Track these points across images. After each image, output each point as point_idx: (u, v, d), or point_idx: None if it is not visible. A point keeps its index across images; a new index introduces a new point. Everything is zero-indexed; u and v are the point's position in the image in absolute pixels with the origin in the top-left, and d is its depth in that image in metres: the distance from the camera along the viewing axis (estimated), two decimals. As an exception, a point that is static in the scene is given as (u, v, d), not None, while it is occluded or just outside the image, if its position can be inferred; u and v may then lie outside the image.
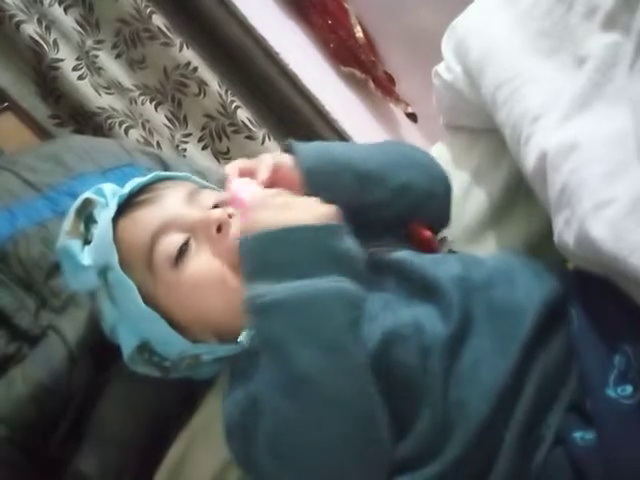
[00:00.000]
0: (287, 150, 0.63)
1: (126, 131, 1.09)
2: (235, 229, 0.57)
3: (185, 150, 1.19)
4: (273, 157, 0.61)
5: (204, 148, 1.22)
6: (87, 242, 0.61)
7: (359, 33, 1.46)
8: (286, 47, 1.28)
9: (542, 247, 0.65)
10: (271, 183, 0.59)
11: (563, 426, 0.49)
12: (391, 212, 0.63)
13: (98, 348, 0.64)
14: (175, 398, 0.62)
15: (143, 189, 0.63)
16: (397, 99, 1.50)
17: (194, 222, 0.58)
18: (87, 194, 0.63)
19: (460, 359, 0.50)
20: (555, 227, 0.52)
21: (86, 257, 0.60)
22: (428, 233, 0.63)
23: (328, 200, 0.54)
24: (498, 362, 0.49)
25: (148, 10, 1.14)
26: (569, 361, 0.50)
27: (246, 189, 0.58)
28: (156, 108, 1.18)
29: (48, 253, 0.70)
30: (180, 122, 1.20)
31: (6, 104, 1.05)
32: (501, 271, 0.56)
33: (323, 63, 1.43)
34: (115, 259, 0.58)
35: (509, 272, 0.56)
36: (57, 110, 1.09)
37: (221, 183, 0.93)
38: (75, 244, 0.61)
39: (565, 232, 0.50)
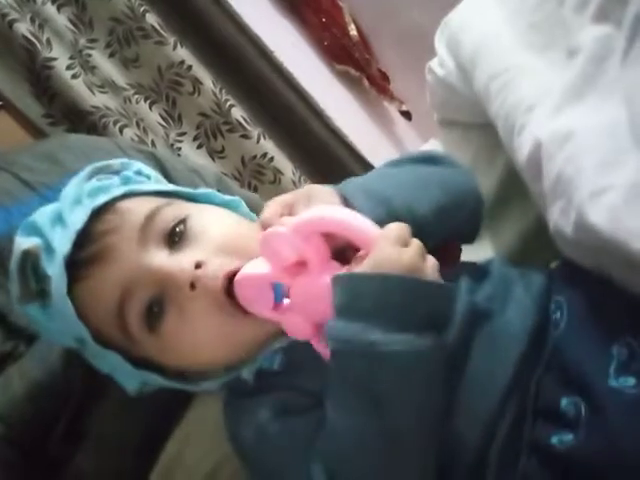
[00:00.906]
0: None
1: (121, 130, 1.09)
2: (210, 282, 0.50)
3: (180, 149, 1.19)
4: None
5: (199, 147, 1.21)
6: (45, 296, 0.54)
7: (353, 31, 1.46)
8: (280, 45, 1.28)
9: (537, 242, 0.65)
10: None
11: (535, 436, 0.48)
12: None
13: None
14: (173, 397, 0.62)
15: (87, 232, 0.53)
16: (391, 97, 1.50)
17: (159, 279, 0.51)
18: (22, 243, 0.54)
19: (456, 388, 0.49)
20: (550, 217, 0.52)
21: (51, 319, 0.55)
22: (458, 251, 0.61)
23: None
24: (490, 387, 0.49)
25: (142, 9, 1.14)
26: (536, 368, 0.50)
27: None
28: (150, 107, 1.18)
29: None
30: (175, 121, 1.20)
31: (0, 103, 1.04)
32: (499, 291, 0.55)
33: (317, 61, 1.44)
34: (88, 336, 0.53)
35: (505, 291, 0.55)
36: (51, 109, 1.08)
37: (217, 181, 0.93)
38: (34, 309, 0.55)
39: (561, 221, 0.50)
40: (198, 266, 0.51)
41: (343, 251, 0.48)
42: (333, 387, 0.46)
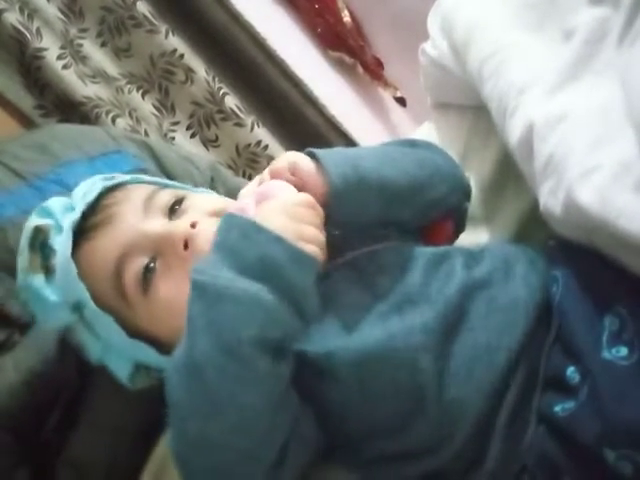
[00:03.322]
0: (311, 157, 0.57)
1: (113, 120, 1.08)
2: (202, 239, 0.53)
3: (173, 138, 1.18)
4: (295, 157, 0.55)
5: (192, 136, 1.21)
6: (49, 272, 0.58)
7: (347, 17, 1.45)
8: (273, 33, 1.27)
9: (534, 222, 0.65)
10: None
11: (542, 405, 0.49)
12: (413, 224, 0.61)
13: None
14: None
15: (95, 206, 0.60)
16: (386, 83, 1.49)
17: (157, 240, 0.55)
18: (35, 220, 0.60)
19: (453, 357, 0.50)
20: (540, 197, 0.52)
21: (53, 293, 0.58)
22: (450, 228, 0.62)
23: (350, 218, 0.53)
24: (494, 357, 0.50)
25: (132, -3, 1.12)
26: (545, 339, 0.51)
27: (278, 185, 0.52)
28: (143, 96, 1.17)
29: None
30: (168, 110, 1.19)
31: (-10, 95, 1.04)
32: (500, 265, 0.55)
33: (311, 48, 1.43)
34: (86, 296, 0.56)
35: (507, 267, 0.55)
36: (42, 100, 1.07)
37: (211, 169, 0.93)
38: (37, 280, 0.58)
39: (550, 201, 0.50)
40: (193, 226, 0.55)
41: None
42: None
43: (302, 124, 1.29)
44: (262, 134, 1.22)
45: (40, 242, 0.59)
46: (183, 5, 1.20)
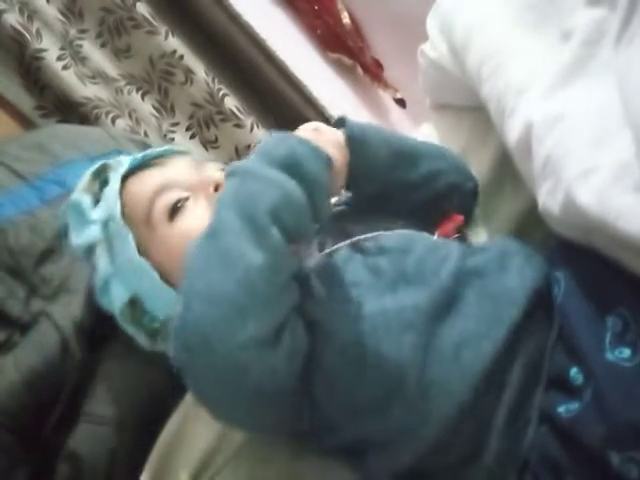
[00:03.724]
0: (336, 125, 0.65)
1: (113, 121, 1.08)
2: None
3: (173, 139, 1.18)
4: (317, 123, 0.64)
5: (192, 137, 1.21)
6: (97, 201, 0.65)
7: (346, 19, 1.45)
8: (273, 34, 1.27)
9: (531, 221, 0.65)
10: None
11: (545, 404, 0.49)
12: (418, 196, 0.65)
13: (90, 333, 0.64)
14: (168, 378, 0.62)
15: (155, 158, 0.68)
16: (385, 85, 1.50)
17: (194, 182, 0.62)
18: (106, 161, 0.68)
19: (441, 337, 0.50)
20: (539, 197, 0.53)
21: (94, 212, 0.64)
22: (459, 218, 0.64)
23: (363, 167, 0.60)
24: (482, 345, 0.50)
25: (132, -2, 1.13)
26: (547, 339, 0.51)
27: None
28: (143, 97, 1.17)
29: (37, 241, 0.70)
30: (167, 111, 1.20)
31: (-10, 96, 1.04)
32: (496, 257, 0.56)
33: (310, 49, 1.43)
34: (117, 210, 0.62)
35: (503, 258, 0.56)
36: (42, 101, 1.07)
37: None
38: (86, 200, 0.64)
39: (549, 201, 0.51)
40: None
41: None
42: None
43: (301, 125, 1.29)
44: (261, 135, 1.22)
45: (103, 176, 0.67)
46: (183, 6, 1.21)
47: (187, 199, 0.61)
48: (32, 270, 0.69)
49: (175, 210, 0.61)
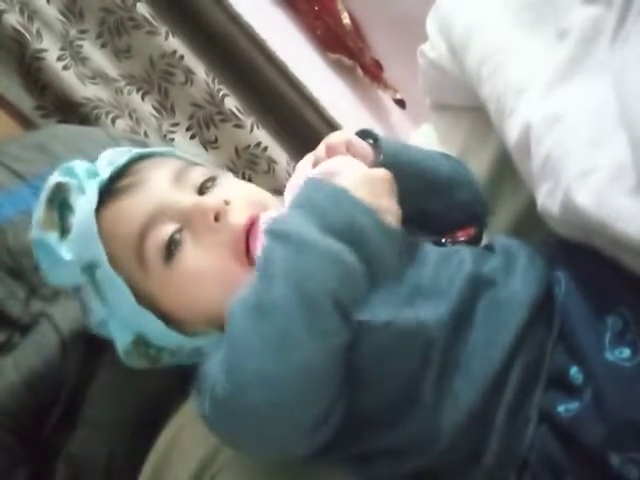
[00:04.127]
0: (363, 137, 0.61)
1: (113, 121, 1.08)
2: (235, 214, 0.55)
3: (173, 140, 1.18)
4: (349, 134, 0.59)
5: (192, 137, 1.21)
6: (64, 232, 0.57)
7: (346, 19, 1.45)
8: (273, 34, 1.27)
9: (530, 221, 0.65)
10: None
11: (545, 404, 0.49)
12: (433, 222, 0.62)
13: (90, 334, 0.64)
14: (166, 383, 0.62)
15: (124, 171, 0.59)
16: (385, 85, 1.50)
17: (187, 211, 0.54)
18: (57, 177, 0.58)
19: (456, 351, 0.50)
20: (538, 198, 0.53)
21: (65, 251, 0.56)
22: (473, 235, 0.63)
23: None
24: (490, 352, 0.50)
25: (132, -2, 1.13)
26: (548, 338, 0.51)
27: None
28: (143, 98, 1.17)
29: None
30: (167, 111, 1.20)
31: (-10, 96, 1.04)
32: (503, 261, 0.56)
33: (310, 50, 1.43)
34: (103, 256, 0.55)
35: (509, 261, 0.56)
36: (42, 101, 1.07)
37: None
38: (51, 237, 0.56)
39: (548, 202, 0.51)
40: (226, 203, 0.55)
41: None
42: None
43: (301, 126, 1.29)
44: (262, 135, 1.22)
45: (59, 200, 0.58)
46: (183, 6, 1.21)
47: (181, 230, 0.54)
48: (32, 271, 0.68)
49: (170, 250, 0.54)
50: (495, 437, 0.48)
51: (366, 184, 0.51)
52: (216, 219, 0.54)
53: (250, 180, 1.22)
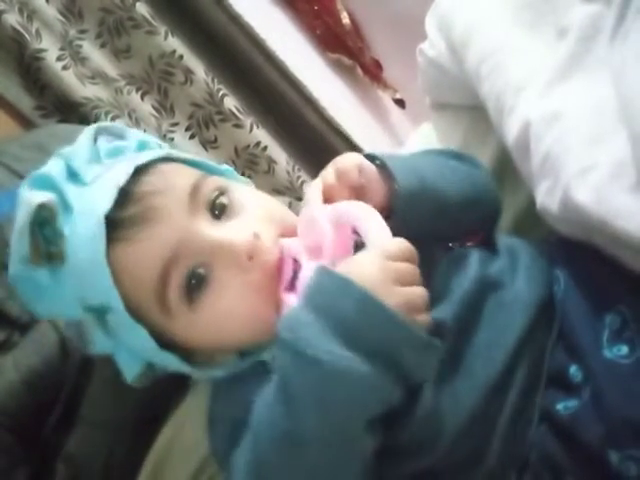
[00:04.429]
0: (370, 160, 0.55)
1: (112, 121, 1.08)
2: (267, 254, 0.49)
3: (172, 139, 1.18)
4: (361, 159, 0.53)
5: (192, 137, 1.21)
6: (53, 259, 0.49)
7: (346, 19, 1.45)
8: (272, 34, 1.27)
9: (530, 220, 0.65)
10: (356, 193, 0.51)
11: (544, 402, 0.49)
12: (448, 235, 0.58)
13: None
14: (166, 382, 0.62)
15: (127, 194, 0.49)
16: (385, 85, 1.50)
17: (215, 249, 0.49)
18: (35, 197, 0.49)
19: (460, 352, 0.50)
20: (537, 196, 0.53)
21: (60, 286, 0.50)
22: (479, 240, 0.61)
23: (404, 227, 0.48)
24: (493, 354, 0.49)
25: (131, -2, 1.13)
26: (549, 337, 0.51)
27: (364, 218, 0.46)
28: (142, 98, 1.17)
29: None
30: (167, 111, 1.20)
31: (-10, 96, 1.04)
32: (507, 262, 0.56)
33: (310, 50, 1.43)
34: (119, 304, 0.48)
35: (513, 260, 0.56)
36: (42, 101, 1.08)
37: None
38: (41, 274, 0.49)
39: (547, 200, 0.51)
40: (256, 237, 0.49)
41: None
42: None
43: (301, 125, 1.30)
44: (261, 135, 1.22)
45: (41, 220, 0.49)
46: (182, 6, 1.21)
47: (204, 270, 0.49)
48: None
49: (195, 292, 0.49)
50: (497, 438, 0.48)
51: (390, 274, 0.43)
52: (249, 258, 0.49)
53: (250, 179, 1.22)
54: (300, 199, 1.11)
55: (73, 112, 1.08)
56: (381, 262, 0.43)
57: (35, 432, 0.63)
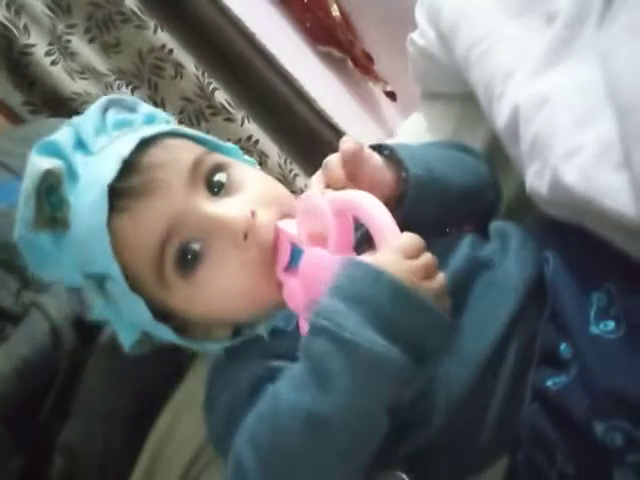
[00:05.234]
0: (378, 151, 0.56)
1: (103, 116, 1.08)
2: (263, 233, 0.50)
3: (164, 134, 1.18)
4: (367, 148, 0.53)
5: (183, 131, 1.21)
6: (58, 225, 0.50)
7: (336, 12, 1.45)
8: (262, 27, 1.27)
9: (518, 208, 0.66)
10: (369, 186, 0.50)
11: (535, 380, 0.50)
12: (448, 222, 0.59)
13: (82, 321, 0.63)
14: (161, 369, 0.62)
15: (131, 165, 0.50)
16: (376, 78, 1.50)
17: (212, 224, 0.50)
18: (42, 163, 0.50)
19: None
20: (527, 179, 0.53)
21: (63, 252, 0.51)
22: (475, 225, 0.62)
23: (411, 218, 0.49)
24: (484, 332, 0.50)
25: (119, -8, 1.12)
26: (540, 317, 0.51)
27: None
28: (132, 92, 1.17)
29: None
30: (158, 106, 1.18)
31: (-22, 92, 1.03)
32: (499, 243, 0.56)
33: (300, 43, 1.43)
34: (119, 274, 0.49)
35: (504, 241, 0.57)
36: (31, 97, 1.07)
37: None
38: (44, 239, 0.51)
39: (536, 182, 0.51)
40: (252, 214, 0.50)
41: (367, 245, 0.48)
42: (298, 361, 0.45)
43: (292, 119, 1.30)
44: (252, 129, 1.23)
45: (48, 189, 0.50)
46: (171, 0, 1.20)
47: (199, 245, 0.50)
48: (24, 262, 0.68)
49: (190, 264, 0.50)
50: (491, 416, 0.49)
51: (417, 275, 0.44)
52: (245, 236, 0.50)
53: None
54: (293, 192, 1.11)
55: (62, 108, 1.07)
56: (402, 262, 0.44)
57: (27, 422, 0.63)
